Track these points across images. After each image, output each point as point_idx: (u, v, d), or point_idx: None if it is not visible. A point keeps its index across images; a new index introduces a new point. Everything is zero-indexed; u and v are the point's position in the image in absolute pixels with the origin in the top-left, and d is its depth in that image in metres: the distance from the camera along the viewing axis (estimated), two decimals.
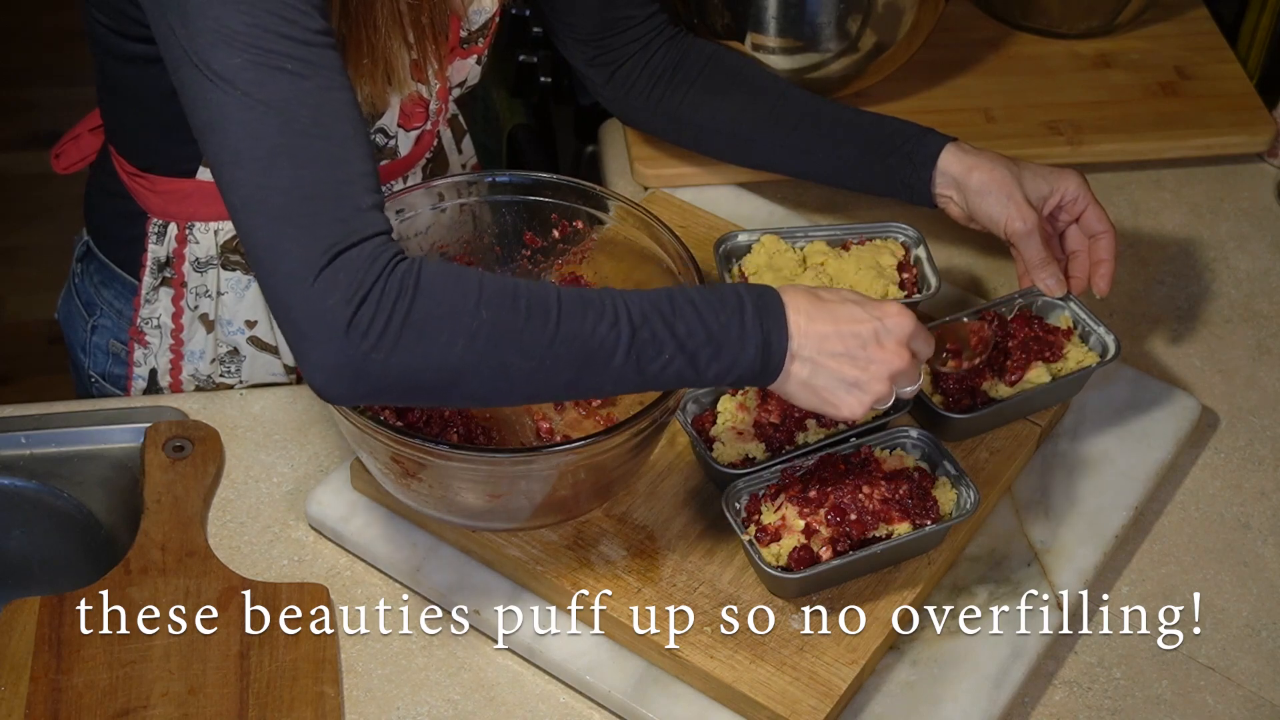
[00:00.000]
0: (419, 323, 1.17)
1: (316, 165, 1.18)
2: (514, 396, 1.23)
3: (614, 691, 1.36)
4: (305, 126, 1.18)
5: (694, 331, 1.23)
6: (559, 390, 1.23)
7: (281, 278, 1.17)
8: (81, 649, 1.37)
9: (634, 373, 1.23)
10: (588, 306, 1.21)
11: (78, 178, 1.73)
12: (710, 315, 1.24)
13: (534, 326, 1.19)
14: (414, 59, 1.45)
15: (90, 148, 1.66)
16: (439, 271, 1.19)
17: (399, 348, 1.16)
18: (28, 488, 1.54)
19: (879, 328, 1.27)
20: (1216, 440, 1.60)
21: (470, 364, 1.18)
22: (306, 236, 1.16)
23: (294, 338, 1.18)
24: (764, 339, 1.24)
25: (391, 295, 1.16)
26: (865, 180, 1.62)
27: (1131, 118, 1.88)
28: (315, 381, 1.18)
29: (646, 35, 1.65)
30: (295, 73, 1.18)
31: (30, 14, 3.72)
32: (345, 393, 1.19)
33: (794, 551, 1.35)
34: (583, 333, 1.20)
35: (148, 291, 1.61)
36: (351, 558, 1.47)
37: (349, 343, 1.16)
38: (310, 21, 1.20)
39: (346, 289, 1.15)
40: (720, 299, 1.25)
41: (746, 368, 1.25)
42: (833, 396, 1.27)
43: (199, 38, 1.18)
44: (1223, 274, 1.76)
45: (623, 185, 1.81)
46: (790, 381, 1.27)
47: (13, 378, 3.02)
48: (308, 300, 1.16)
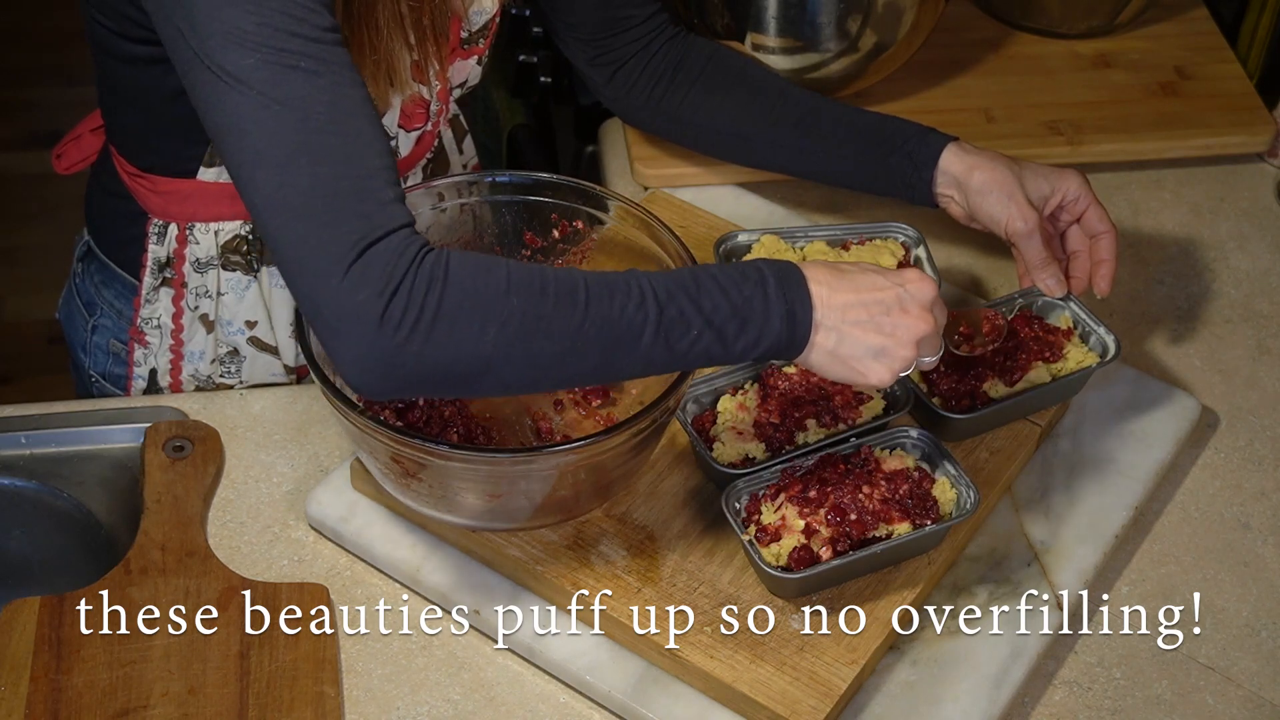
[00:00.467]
0: (450, 313, 1.17)
1: (337, 161, 1.18)
2: (545, 383, 1.24)
3: (614, 691, 1.36)
4: (323, 123, 1.19)
5: (719, 306, 1.24)
6: (589, 374, 1.23)
7: (310, 275, 1.17)
8: (81, 649, 1.37)
9: (663, 351, 1.24)
10: (614, 288, 1.22)
11: (77, 178, 1.73)
12: (734, 290, 1.25)
13: (563, 311, 1.20)
14: (415, 60, 1.45)
15: (91, 148, 1.66)
16: (467, 261, 1.20)
17: (432, 339, 1.17)
18: (28, 488, 1.54)
19: (901, 294, 1.29)
20: (1216, 440, 1.60)
21: (502, 352, 1.19)
22: (332, 233, 1.17)
23: (325, 334, 1.18)
24: (788, 309, 1.26)
25: (422, 287, 1.17)
26: (866, 180, 1.62)
27: (1131, 118, 1.88)
28: (350, 376, 1.19)
29: (647, 35, 1.65)
30: (309, 70, 1.19)
31: (30, 14, 3.72)
32: (380, 386, 1.19)
33: (794, 551, 1.35)
34: (611, 315, 1.21)
35: (148, 291, 1.61)
36: (351, 558, 1.47)
37: (382, 336, 1.16)
38: (319, 19, 1.20)
39: (377, 282, 1.16)
40: (741, 274, 1.26)
41: (774, 339, 1.26)
42: (859, 364, 1.28)
43: (209, 40, 1.19)
44: (1223, 274, 1.76)
45: (623, 185, 1.81)
46: (816, 352, 1.28)
47: (13, 378, 3.02)
48: (338, 296, 1.16)
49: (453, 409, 1.46)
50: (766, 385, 1.49)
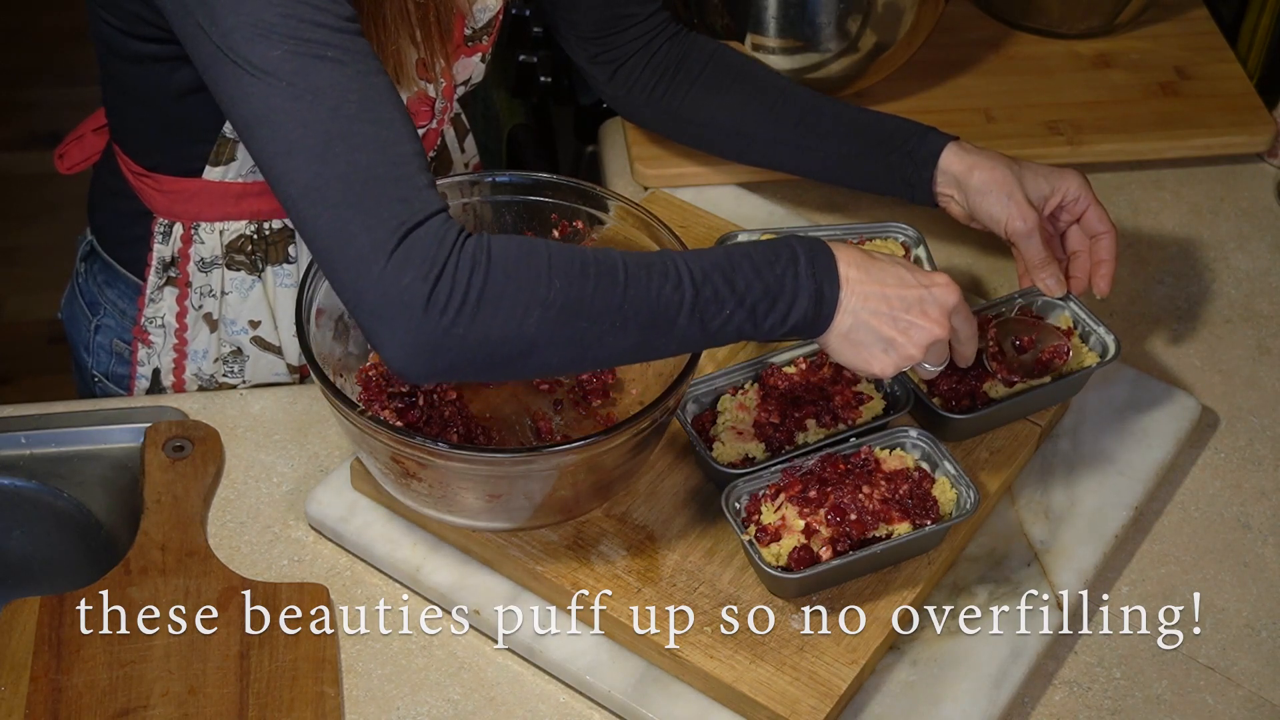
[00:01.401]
0: (495, 296, 1.18)
1: (371, 149, 1.19)
2: (584, 363, 1.25)
3: (614, 691, 1.36)
4: (355, 111, 1.19)
5: (753, 285, 1.26)
6: (626, 353, 1.25)
7: (351, 263, 1.18)
8: (81, 649, 1.37)
9: (698, 331, 1.25)
10: (651, 269, 1.24)
11: (77, 177, 1.73)
12: (766, 268, 1.27)
13: (603, 292, 1.22)
14: (420, 57, 1.45)
15: (94, 147, 1.66)
16: (508, 244, 1.21)
17: (477, 321, 1.18)
18: (28, 488, 1.54)
19: (924, 295, 1.32)
20: (1216, 440, 1.60)
21: (545, 333, 1.20)
22: (372, 220, 1.18)
23: (369, 320, 1.19)
24: (817, 288, 1.28)
25: (466, 270, 1.18)
26: (866, 178, 1.62)
27: (1131, 118, 1.88)
28: (395, 362, 1.19)
29: (649, 33, 1.65)
30: (336, 60, 1.19)
31: (30, 14, 3.72)
32: (426, 370, 1.20)
33: (794, 551, 1.35)
34: (649, 295, 1.23)
35: (152, 291, 1.61)
36: (351, 558, 1.47)
37: (428, 320, 1.17)
38: (340, 9, 1.21)
39: (421, 266, 1.17)
40: (775, 252, 1.28)
41: (800, 317, 1.28)
42: (867, 352, 1.31)
43: (233, 34, 1.19)
44: (1223, 274, 1.76)
45: (623, 185, 1.81)
46: (832, 334, 1.30)
47: (13, 378, 3.02)
48: (382, 282, 1.17)
49: (453, 409, 1.46)
50: (766, 385, 1.49)
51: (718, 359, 1.56)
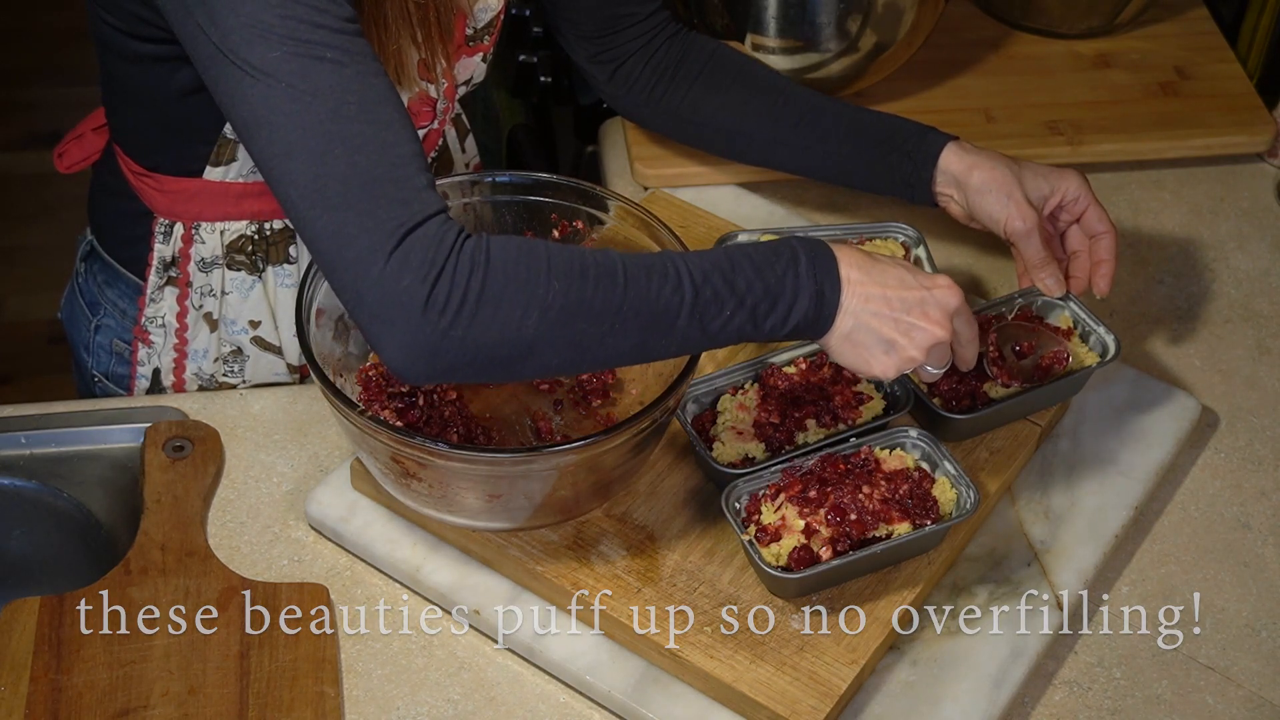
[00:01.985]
0: (494, 297, 1.18)
1: (371, 150, 1.19)
2: (584, 364, 1.25)
3: (614, 691, 1.36)
4: (355, 113, 1.19)
5: (753, 286, 1.26)
6: (626, 354, 1.25)
7: (350, 264, 1.18)
8: (81, 649, 1.37)
9: (697, 332, 1.25)
10: (650, 270, 1.24)
11: (77, 177, 1.73)
12: (767, 269, 1.27)
13: (603, 294, 1.22)
14: (422, 58, 1.45)
15: (94, 147, 1.66)
16: (508, 245, 1.21)
17: (476, 323, 1.18)
18: (28, 488, 1.54)
19: (925, 296, 1.31)
20: (1216, 440, 1.60)
21: (544, 335, 1.20)
22: (371, 221, 1.18)
23: (368, 321, 1.19)
24: (818, 289, 1.28)
25: (465, 271, 1.18)
26: (866, 178, 1.62)
27: (1131, 118, 1.88)
28: (394, 363, 1.20)
29: (648, 32, 1.65)
30: (335, 61, 1.19)
31: (30, 14, 3.73)
32: (425, 371, 1.20)
33: (794, 551, 1.35)
34: (649, 296, 1.23)
35: (152, 291, 1.61)
36: (351, 558, 1.47)
37: (427, 321, 1.17)
38: (340, 10, 1.21)
39: (420, 268, 1.17)
40: (775, 253, 1.28)
41: (801, 317, 1.28)
42: (867, 353, 1.31)
43: (233, 34, 1.19)
44: (1223, 274, 1.76)
45: (623, 185, 1.81)
46: (833, 335, 1.30)
47: (13, 378, 3.02)
48: (381, 283, 1.17)
49: (453, 409, 1.46)
50: (766, 385, 1.49)
51: (718, 359, 1.56)
